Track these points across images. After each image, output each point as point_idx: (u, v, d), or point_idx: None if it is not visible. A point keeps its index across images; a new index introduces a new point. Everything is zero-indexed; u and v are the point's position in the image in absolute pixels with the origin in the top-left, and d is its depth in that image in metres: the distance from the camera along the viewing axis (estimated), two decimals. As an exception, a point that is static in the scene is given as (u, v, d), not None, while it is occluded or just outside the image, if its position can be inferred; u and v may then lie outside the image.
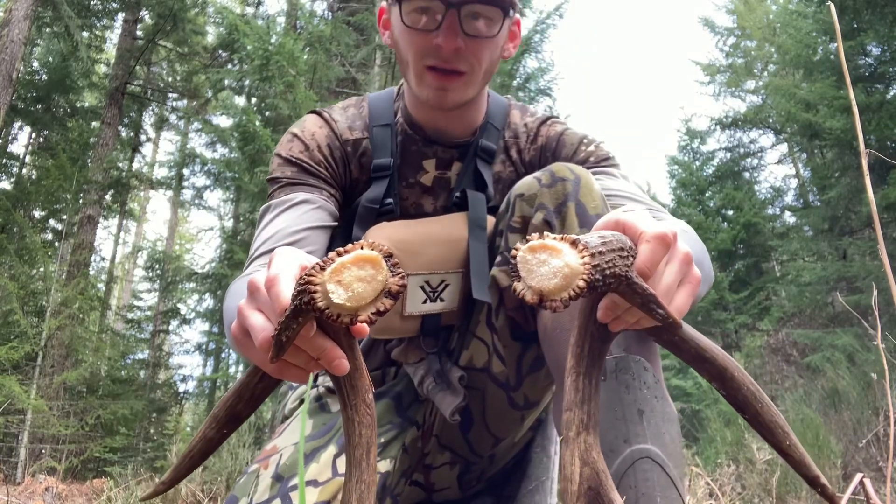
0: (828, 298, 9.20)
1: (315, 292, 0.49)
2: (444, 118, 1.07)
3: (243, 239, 9.62)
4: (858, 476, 1.53)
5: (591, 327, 0.57)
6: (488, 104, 1.12)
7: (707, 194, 12.05)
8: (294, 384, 1.15)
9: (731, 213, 11.63)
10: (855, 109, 1.07)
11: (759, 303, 10.09)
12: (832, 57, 8.77)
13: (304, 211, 1.01)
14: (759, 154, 13.44)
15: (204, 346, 11.92)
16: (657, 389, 0.76)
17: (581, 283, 0.49)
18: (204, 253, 24.90)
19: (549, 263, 0.50)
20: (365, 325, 0.52)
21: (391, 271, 0.51)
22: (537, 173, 0.90)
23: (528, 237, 0.53)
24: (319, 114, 1.12)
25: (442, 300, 0.98)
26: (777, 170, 36.22)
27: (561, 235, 0.51)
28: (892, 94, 8.12)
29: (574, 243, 0.50)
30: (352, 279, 0.49)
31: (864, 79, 8.24)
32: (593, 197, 0.85)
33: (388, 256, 0.51)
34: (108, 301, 12.43)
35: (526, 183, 0.89)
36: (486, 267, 0.95)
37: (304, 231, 0.97)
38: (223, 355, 13.58)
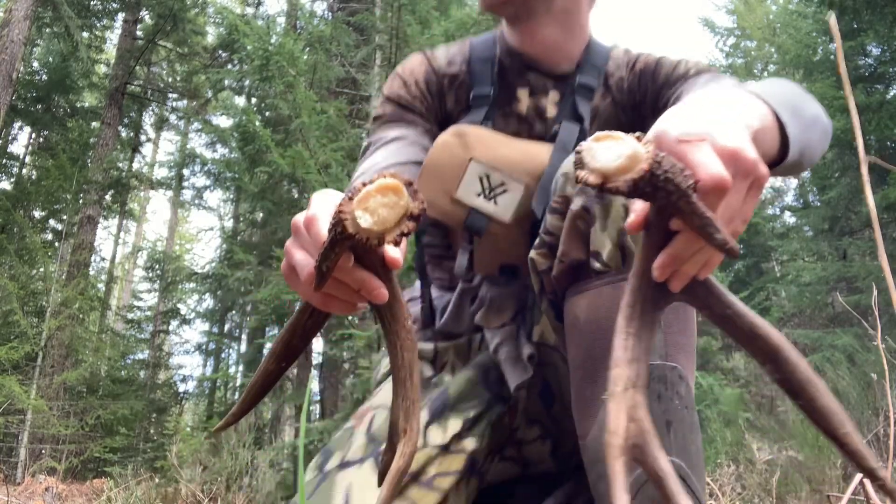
0: (828, 299, 9.20)
1: (346, 220, 0.54)
2: (525, 35, 1.09)
3: (243, 239, 9.63)
4: (858, 476, 1.53)
5: (644, 289, 0.56)
6: (590, 43, 1.13)
7: (707, 194, 12.05)
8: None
9: (731, 213, 11.63)
10: (854, 115, 1.07)
11: (759, 303, 10.08)
12: (832, 57, 8.77)
13: (397, 147, 1.05)
14: (759, 154, 13.45)
15: (204, 347, 11.92)
16: (688, 399, 0.75)
17: (644, 167, 0.49)
18: (204, 253, 24.88)
19: (613, 149, 0.51)
20: (393, 247, 0.58)
21: (412, 197, 0.55)
22: None
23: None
24: (423, 52, 1.17)
25: (496, 203, 0.96)
26: (777, 170, 36.21)
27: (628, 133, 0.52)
28: (891, 94, 8.12)
29: (639, 138, 0.51)
30: (377, 205, 0.55)
31: (863, 79, 8.25)
32: None
33: (409, 184, 0.56)
34: (108, 301, 12.43)
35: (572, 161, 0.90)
36: (552, 184, 0.94)
37: (394, 167, 1.01)
38: (223, 355, 13.59)
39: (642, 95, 1.07)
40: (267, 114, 8.60)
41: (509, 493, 1.07)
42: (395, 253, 0.60)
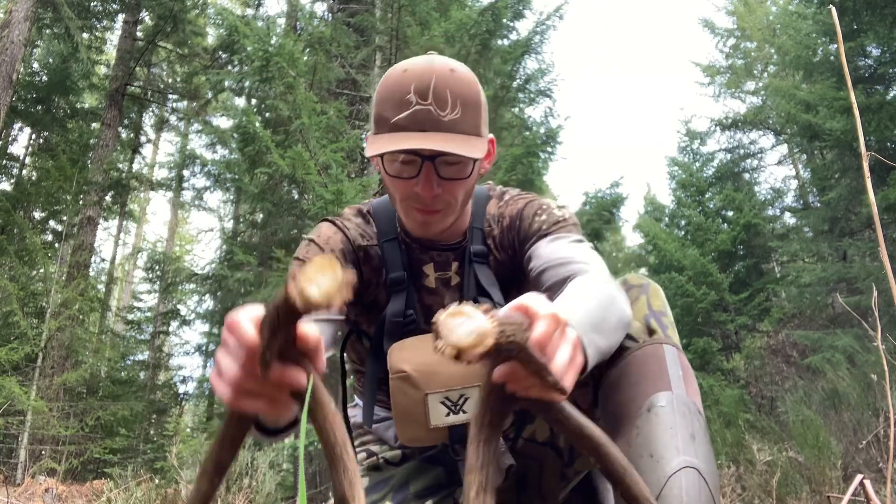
0: (828, 299, 9.20)
1: (293, 297, 0.59)
2: (436, 230, 1.18)
3: (243, 240, 9.62)
4: (859, 477, 1.53)
5: (491, 402, 0.67)
6: (472, 207, 1.24)
7: (707, 195, 12.05)
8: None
9: (731, 214, 11.62)
10: (856, 112, 1.07)
11: (759, 304, 10.08)
12: (832, 58, 8.77)
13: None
14: (759, 155, 13.45)
15: (204, 348, 11.90)
16: (703, 423, 0.90)
17: (490, 342, 0.60)
18: (204, 254, 24.87)
19: (465, 325, 0.60)
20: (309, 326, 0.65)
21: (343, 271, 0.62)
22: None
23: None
24: (333, 222, 1.24)
25: (465, 412, 1.07)
26: (777, 171, 36.21)
27: (475, 306, 0.62)
28: (891, 95, 8.12)
29: (486, 311, 0.61)
30: (317, 278, 0.60)
31: (863, 80, 8.25)
32: (658, 297, 1.06)
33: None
34: (108, 302, 12.43)
35: None
36: None
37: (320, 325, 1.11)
38: (223, 356, 13.53)
39: (513, 248, 1.21)
40: (267, 115, 8.59)
41: None
42: (311, 330, 0.65)
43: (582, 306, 0.86)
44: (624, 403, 0.91)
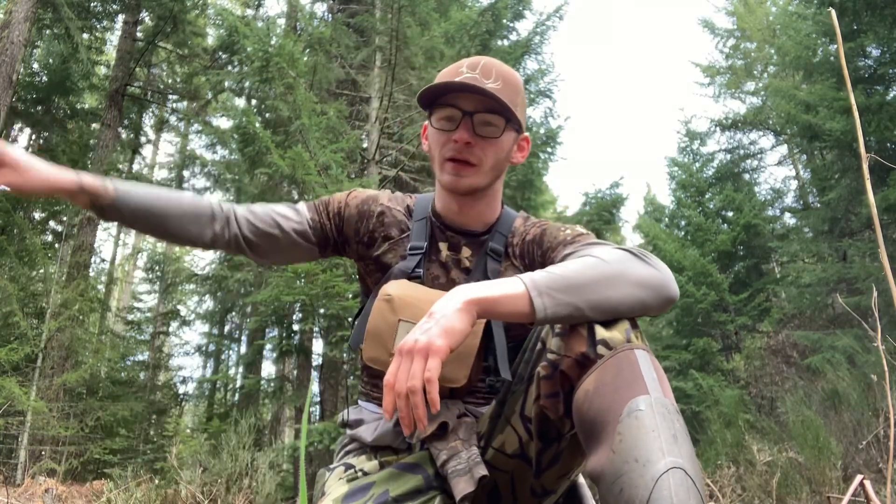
0: (828, 300, 9.20)
1: None
2: (458, 206, 1.34)
3: (243, 240, 9.62)
4: (859, 477, 1.53)
5: None
6: (501, 214, 1.38)
7: (707, 196, 12.05)
8: (331, 466, 1.32)
9: (730, 214, 11.63)
10: (856, 114, 1.07)
11: (759, 304, 10.08)
12: (832, 58, 8.78)
13: (287, 215, 1.33)
14: (759, 156, 13.45)
15: (204, 348, 11.93)
16: (683, 422, 0.90)
17: None
18: (204, 254, 24.87)
19: None
20: None
21: None
22: None
23: None
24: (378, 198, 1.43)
25: None
26: (777, 171, 36.25)
27: None
28: (891, 95, 8.12)
29: None
30: None
31: (863, 80, 8.25)
32: None
33: None
34: (108, 303, 12.42)
35: None
36: (505, 347, 1.20)
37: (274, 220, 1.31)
38: (223, 357, 13.57)
39: (531, 259, 1.31)
40: (267, 115, 8.60)
41: None
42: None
43: (546, 271, 0.98)
44: (602, 412, 0.92)
